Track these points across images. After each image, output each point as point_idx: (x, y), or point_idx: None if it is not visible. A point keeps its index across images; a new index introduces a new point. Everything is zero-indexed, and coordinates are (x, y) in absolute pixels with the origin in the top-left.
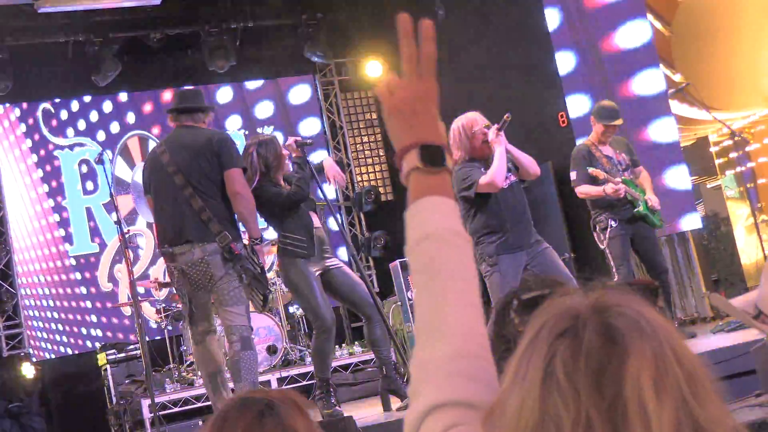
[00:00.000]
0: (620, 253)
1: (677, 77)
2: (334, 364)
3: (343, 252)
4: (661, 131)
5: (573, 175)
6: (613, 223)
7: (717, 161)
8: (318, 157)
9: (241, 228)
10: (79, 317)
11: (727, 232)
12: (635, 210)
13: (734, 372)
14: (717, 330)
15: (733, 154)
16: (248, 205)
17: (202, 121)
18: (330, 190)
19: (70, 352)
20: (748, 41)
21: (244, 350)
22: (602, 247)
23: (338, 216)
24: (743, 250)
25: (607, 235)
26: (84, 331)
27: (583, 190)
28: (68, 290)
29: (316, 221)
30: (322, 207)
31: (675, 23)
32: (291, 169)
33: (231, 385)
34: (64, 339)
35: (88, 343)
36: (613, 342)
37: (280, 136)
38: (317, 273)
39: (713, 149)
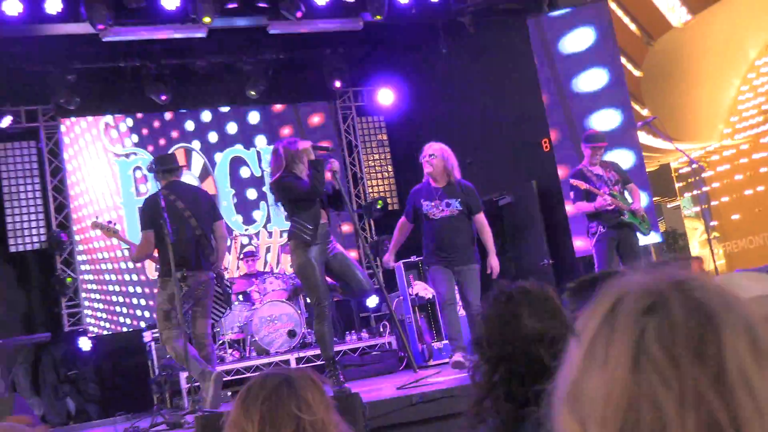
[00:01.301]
0: (604, 254)
1: (645, 112)
2: (345, 347)
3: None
4: (624, 158)
5: (571, 195)
6: (602, 228)
7: (677, 185)
8: None
9: None
10: (129, 300)
11: (684, 245)
12: (621, 218)
13: None
14: None
15: (691, 179)
16: (226, 245)
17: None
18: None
19: (121, 329)
20: (708, 83)
21: (211, 346)
22: (591, 248)
23: (356, 220)
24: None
25: (594, 239)
26: (133, 312)
27: (579, 207)
28: (121, 277)
29: (324, 218)
30: (337, 213)
31: (644, 66)
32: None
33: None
34: (117, 318)
35: (136, 323)
36: (705, 315)
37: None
38: (319, 261)
39: (674, 174)
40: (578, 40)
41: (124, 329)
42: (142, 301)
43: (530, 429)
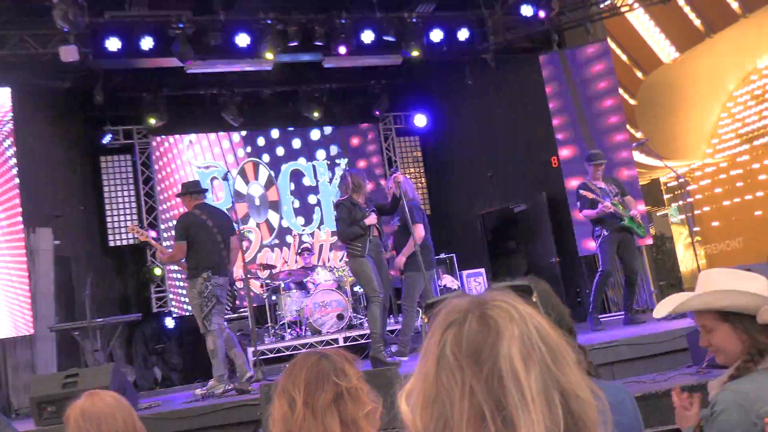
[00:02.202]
0: (606, 254)
1: (639, 134)
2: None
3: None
4: (621, 174)
5: (578, 204)
6: (605, 232)
7: (665, 196)
8: None
9: None
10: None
11: (671, 248)
12: (621, 222)
13: (673, 349)
14: (661, 318)
15: (677, 192)
16: (237, 255)
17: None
18: None
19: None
20: (693, 111)
21: (228, 331)
22: (595, 250)
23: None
24: (682, 261)
25: (599, 241)
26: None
27: (585, 213)
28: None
29: (375, 232)
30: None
31: (638, 95)
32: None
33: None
34: None
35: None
36: (489, 327)
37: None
38: (371, 262)
39: (663, 187)
40: (591, 70)
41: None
42: None
43: None
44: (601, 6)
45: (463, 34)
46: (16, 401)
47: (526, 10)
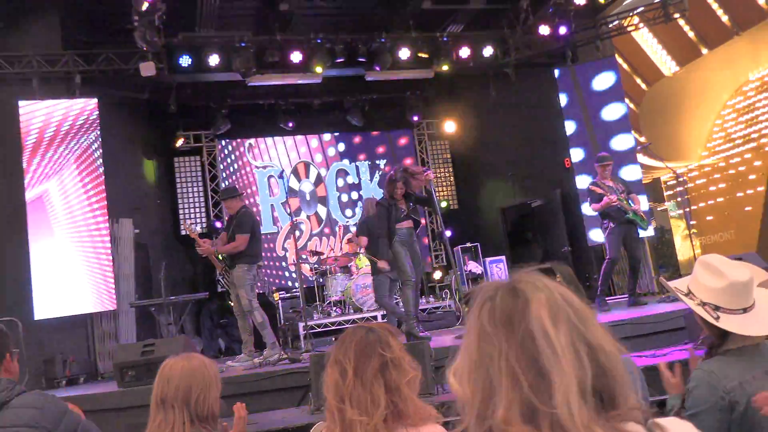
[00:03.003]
0: (612, 244)
1: (642, 139)
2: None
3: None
4: (629, 173)
5: (588, 200)
6: (612, 224)
7: (666, 193)
8: None
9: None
10: (263, 271)
11: (670, 238)
12: (626, 215)
13: (671, 328)
14: (661, 300)
15: (676, 189)
16: None
17: None
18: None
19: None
20: (691, 118)
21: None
22: (603, 239)
23: (439, 213)
24: (679, 250)
25: (606, 232)
26: (267, 279)
27: (594, 207)
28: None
29: (409, 224)
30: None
31: (642, 104)
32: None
33: None
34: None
35: (267, 288)
36: (518, 296)
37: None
38: (405, 250)
39: (663, 185)
40: (600, 82)
41: (260, 291)
42: (272, 272)
43: None
44: (610, 26)
45: (487, 51)
46: (101, 366)
47: (543, 30)
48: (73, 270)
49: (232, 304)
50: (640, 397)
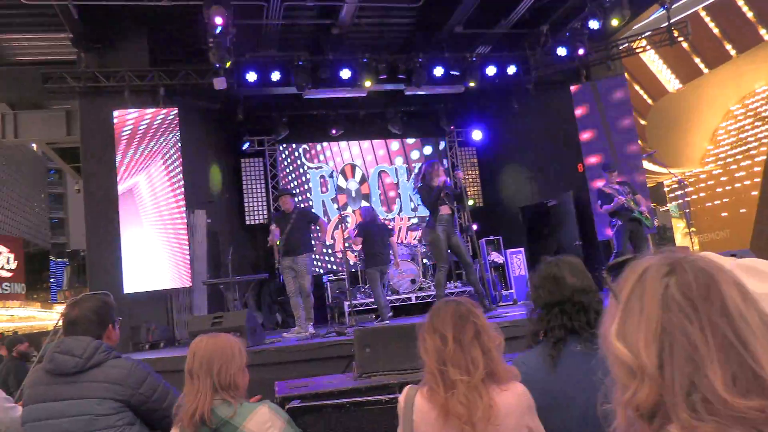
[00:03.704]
0: (619, 239)
1: (648, 148)
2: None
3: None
4: (635, 177)
5: (599, 202)
6: (619, 222)
7: (668, 195)
8: None
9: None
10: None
11: (671, 236)
12: (632, 214)
13: None
14: None
15: (678, 193)
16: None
17: None
18: None
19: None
20: (692, 129)
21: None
22: (611, 236)
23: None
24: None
25: (614, 229)
26: (316, 263)
27: (605, 208)
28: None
29: (448, 211)
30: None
31: (648, 117)
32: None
33: None
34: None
35: (318, 270)
36: (707, 275)
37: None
38: (444, 233)
39: (666, 188)
40: (615, 96)
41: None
42: (321, 257)
43: (573, 343)
44: (620, 47)
45: (511, 70)
46: (178, 333)
47: (561, 51)
48: (156, 252)
49: (287, 284)
50: None
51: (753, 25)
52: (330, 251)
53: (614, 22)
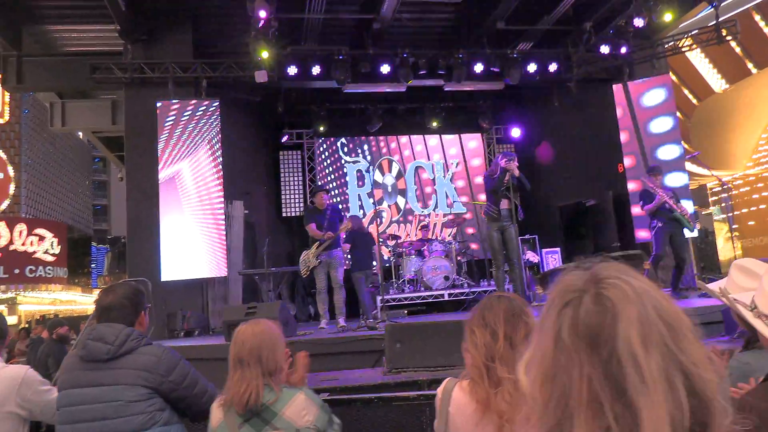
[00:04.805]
0: (659, 241)
1: (692, 149)
2: (480, 289)
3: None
4: (676, 179)
5: (642, 203)
6: (659, 224)
7: (710, 198)
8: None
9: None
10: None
11: (712, 240)
12: (673, 214)
13: (710, 321)
14: (701, 295)
15: (721, 196)
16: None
17: None
18: None
19: None
20: (737, 131)
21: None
22: (650, 238)
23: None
24: (721, 251)
25: (654, 231)
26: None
27: (647, 208)
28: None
29: (506, 204)
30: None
31: (693, 118)
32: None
33: None
34: None
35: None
36: (605, 308)
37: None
38: (498, 230)
39: (709, 191)
40: (651, 98)
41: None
42: None
43: None
44: (665, 46)
45: (552, 67)
46: (213, 322)
47: (604, 49)
48: (194, 241)
49: (319, 280)
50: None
51: None
52: None
53: (667, 17)
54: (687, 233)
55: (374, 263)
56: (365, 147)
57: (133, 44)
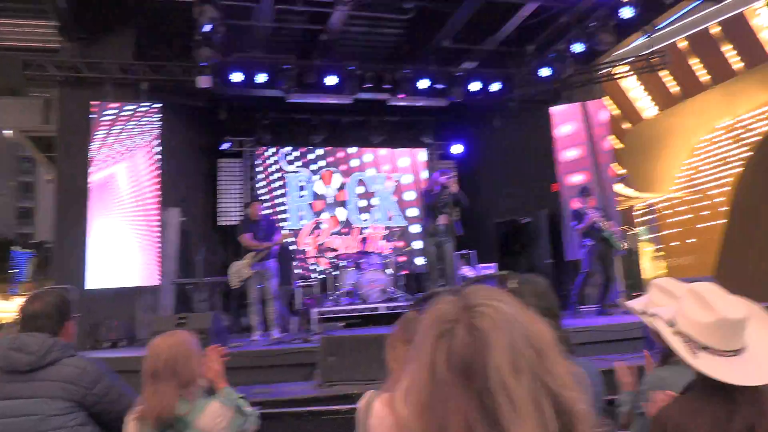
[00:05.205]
0: (589, 259)
1: (622, 171)
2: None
3: None
4: (607, 198)
5: (573, 222)
6: (590, 242)
7: (638, 219)
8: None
9: None
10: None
11: (637, 259)
12: (602, 234)
13: (632, 336)
14: (626, 312)
15: (647, 217)
16: None
17: None
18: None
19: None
20: (664, 156)
21: None
22: (581, 255)
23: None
24: (647, 270)
25: (585, 249)
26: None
27: (578, 227)
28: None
29: (443, 220)
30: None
31: (625, 141)
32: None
33: None
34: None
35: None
36: (476, 339)
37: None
38: (434, 245)
39: (635, 212)
40: (590, 121)
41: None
42: (293, 263)
43: None
44: (602, 72)
45: (495, 86)
46: (139, 333)
47: (545, 72)
48: (126, 248)
49: (250, 292)
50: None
51: (728, 58)
52: (303, 257)
53: (605, 45)
54: (616, 251)
55: (294, 281)
56: (308, 157)
57: (73, 42)
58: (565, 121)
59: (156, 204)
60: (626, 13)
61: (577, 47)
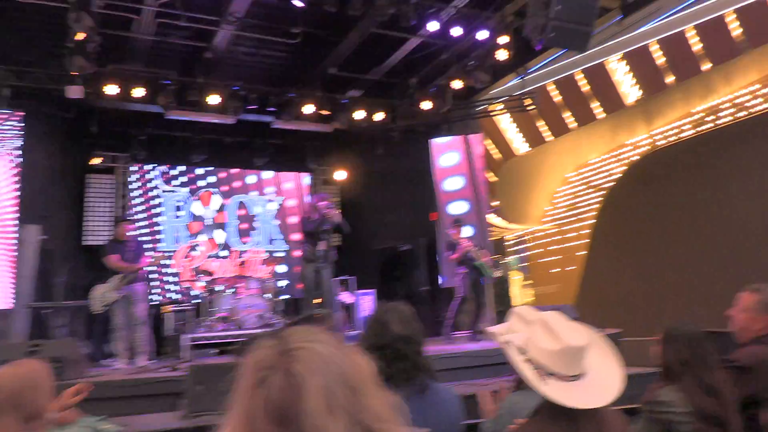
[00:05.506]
0: (465, 286)
1: (496, 203)
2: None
3: None
4: (478, 229)
5: (447, 251)
6: (464, 271)
7: (508, 249)
8: None
9: None
10: (158, 283)
11: (508, 287)
12: (474, 263)
13: (500, 362)
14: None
15: (518, 247)
16: None
17: None
18: None
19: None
20: (534, 191)
21: None
22: (456, 282)
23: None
24: (516, 297)
25: (460, 277)
26: (158, 291)
27: (452, 257)
28: (158, 268)
29: (324, 246)
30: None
31: (499, 174)
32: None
33: None
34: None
35: (159, 298)
36: (291, 386)
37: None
38: (313, 271)
39: (507, 242)
40: (469, 154)
41: (155, 302)
42: (164, 286)
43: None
44: (479, 108)
45: (378, 116)
46: None
47: (425, 105)
48: None
49: (116, 316)
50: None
51: (589, 101)
52: (176, 279)
53: (481, 83)
54: (486, 280)
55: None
56: (186, 177)
57: None
58: (447, 150)
59: (13, 220)
60: (501, 55)
61: (456, 83)
